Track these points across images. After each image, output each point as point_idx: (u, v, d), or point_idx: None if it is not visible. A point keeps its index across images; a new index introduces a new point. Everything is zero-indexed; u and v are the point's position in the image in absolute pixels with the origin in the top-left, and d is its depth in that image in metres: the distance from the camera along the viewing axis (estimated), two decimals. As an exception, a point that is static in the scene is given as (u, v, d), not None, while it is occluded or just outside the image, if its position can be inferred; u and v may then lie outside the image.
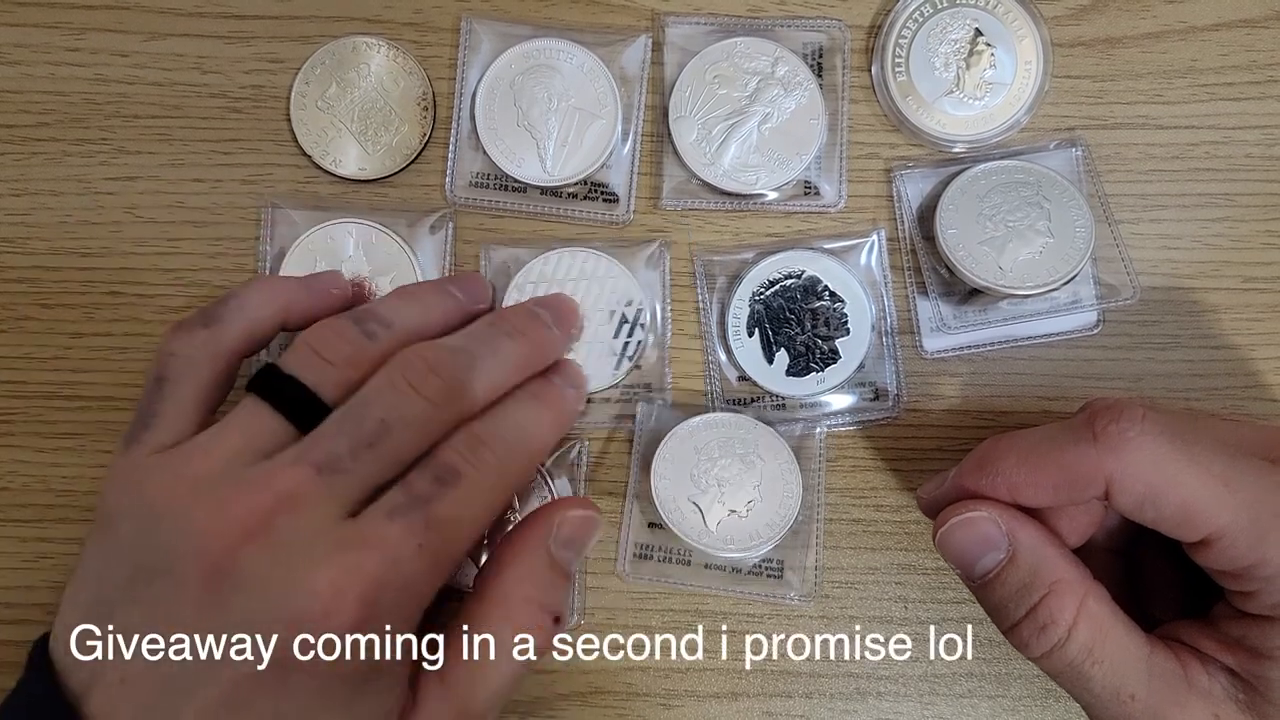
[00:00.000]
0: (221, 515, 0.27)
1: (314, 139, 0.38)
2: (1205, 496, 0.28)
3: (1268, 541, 0.27)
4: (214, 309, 0.32)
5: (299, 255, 0.38)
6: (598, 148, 0.38)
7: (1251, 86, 0.39)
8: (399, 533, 0.27)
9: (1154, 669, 0.29)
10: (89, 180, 0.39)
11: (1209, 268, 0.39)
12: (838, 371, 0.38)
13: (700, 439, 0.37)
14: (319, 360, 0.30)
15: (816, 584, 0.38)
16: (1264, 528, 0.27)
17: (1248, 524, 0.27)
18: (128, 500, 0.29)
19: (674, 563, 0.38)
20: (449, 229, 0.38)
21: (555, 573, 0.31)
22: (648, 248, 0.38)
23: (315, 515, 0.27)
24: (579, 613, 0.38)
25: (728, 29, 0.39)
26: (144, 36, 0.39)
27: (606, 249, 0.38)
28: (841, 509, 0.38)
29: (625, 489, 0.38)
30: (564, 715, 0.38)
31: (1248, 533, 0.27)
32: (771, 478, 0.37)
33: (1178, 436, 0.28)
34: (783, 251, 0.38)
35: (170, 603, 0.27)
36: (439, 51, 0.39)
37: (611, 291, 0.38)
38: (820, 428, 0.38)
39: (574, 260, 0.38)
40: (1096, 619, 0.29)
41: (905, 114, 0.38)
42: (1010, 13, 0.39)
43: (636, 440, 0.38)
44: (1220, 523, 0.27)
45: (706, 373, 0.39)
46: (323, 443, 0.28)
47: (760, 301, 0.38)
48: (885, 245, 0.39)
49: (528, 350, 0.33)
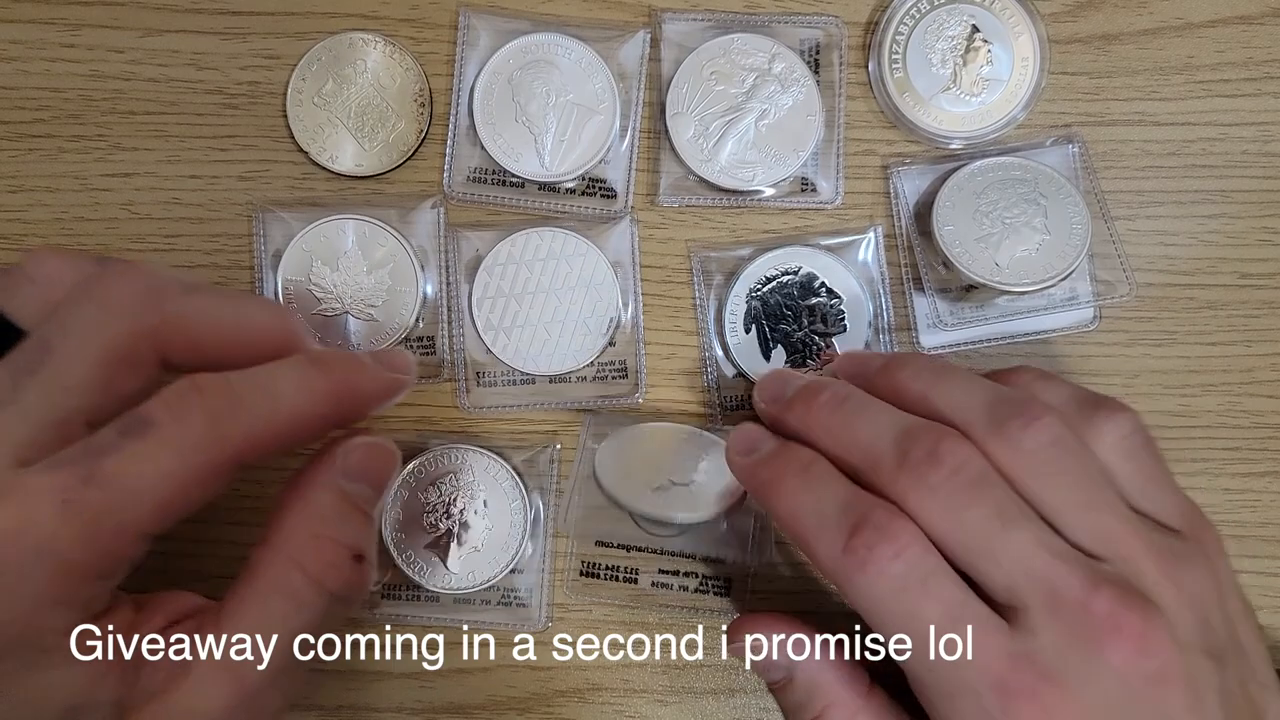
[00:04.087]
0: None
1: (310, 135, 0.38)
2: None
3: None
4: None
5: (295, 255, 0.38)
6: (596, 143, 0.38)
7: (1248, 83, 0.39)
8: (44, 484, 0.23)
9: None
10: (85, 177, 0.38)
11: (1205, 264, 0.39)
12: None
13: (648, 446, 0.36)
14: (23, 279, 0.27)
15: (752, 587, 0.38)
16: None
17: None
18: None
19: (620, 581, 0.38)
20: (440, 212, 0.38)
21: (347, 506, 0.28)
22: (618, 225, 0.38)
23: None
24: (548, 616, 0.38)
25: (725, 25, 0.39)
26: (140, 32, 0.39)
27: (576, 228, 0.38)
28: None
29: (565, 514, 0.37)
30: (562, 712, 0.38)
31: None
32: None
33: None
34: (780, 248, 0.38)
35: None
36: (435, 47, 0.39)
37: (581, 270, 0.38)
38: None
39: (542, 240, 0.38)
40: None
41: (902, 110, 0.38)
42: (1007, 9, 0.39)
43: (580, 450, 0.37)
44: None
45: (703, 369, 0.39)
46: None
47: (757, 298, 0.38)
48: (883, 242, 0.39)
49: (276, 314, 0.29)
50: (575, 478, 0.36)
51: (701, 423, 0.38)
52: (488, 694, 0.38)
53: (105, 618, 0.25)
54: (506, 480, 0.37)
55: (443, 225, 0.38)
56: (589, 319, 0.38)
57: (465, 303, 0.38)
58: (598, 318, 0.38)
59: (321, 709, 0.38)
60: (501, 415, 0.38)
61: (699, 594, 0.38)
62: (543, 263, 0.38)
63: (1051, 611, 0.26)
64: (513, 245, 0.38)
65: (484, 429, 0.39)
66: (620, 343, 0.38)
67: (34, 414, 0.25)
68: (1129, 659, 0.26)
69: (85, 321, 0.25)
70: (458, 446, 0.38)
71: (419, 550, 0.37)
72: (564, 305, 0.38)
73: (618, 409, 0.38)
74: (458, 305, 0.38)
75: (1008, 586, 0.27)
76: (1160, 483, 0.30)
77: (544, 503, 0.38)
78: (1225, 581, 0.29)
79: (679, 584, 0.38)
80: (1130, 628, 0.26)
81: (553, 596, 0.38)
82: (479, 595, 0.37)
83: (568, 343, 0.38)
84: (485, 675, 0.38)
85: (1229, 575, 0.30)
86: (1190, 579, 0.28)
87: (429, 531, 0.37)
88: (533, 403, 0.38)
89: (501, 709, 0.38)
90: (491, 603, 0.38)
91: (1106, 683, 0.26)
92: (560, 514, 0.37)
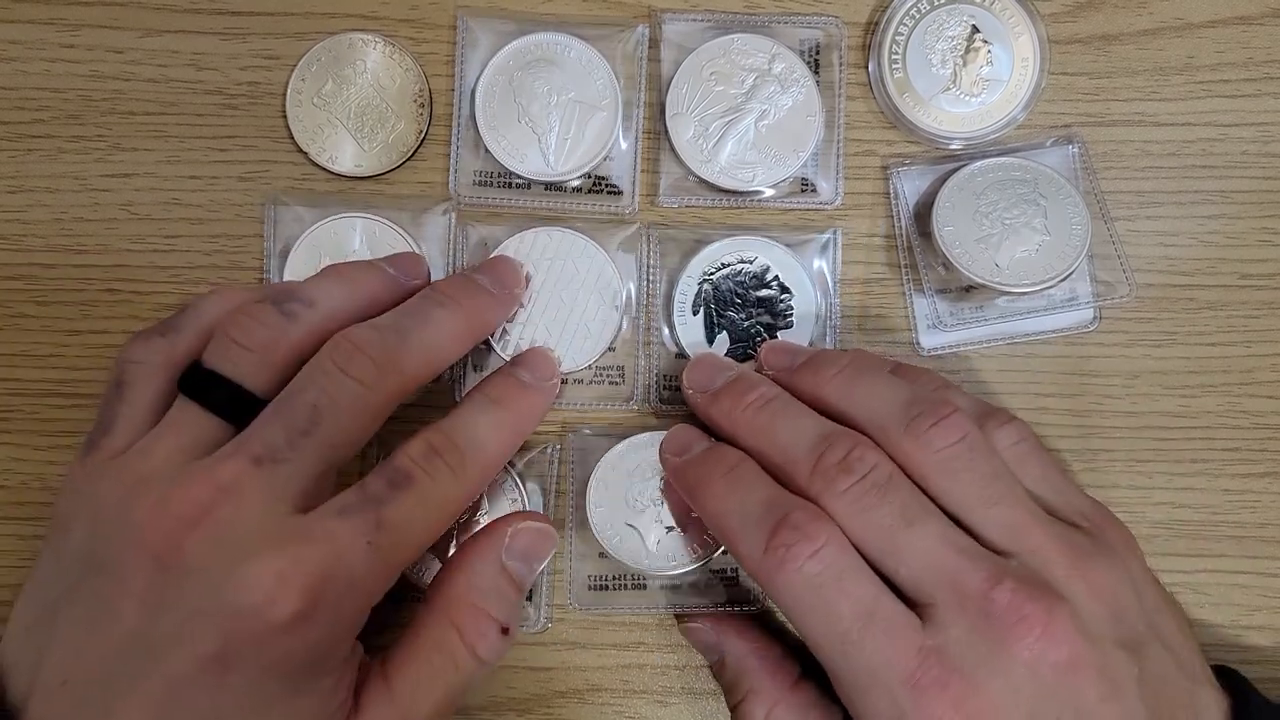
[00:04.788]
0: (162, 509, 0.27)
1: (310, 136, 0.38)
2: None
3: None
4: (172, 319, 0.32)
5: (304, 251, 0.38)
6: (600, 140, 0.38)
7: (1247, 83, 0.39)
8: (348, 529, 0.27)
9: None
10: (85, 177, 0.38)
11: (1205, 264, 0.39)
12: None
13: (630, 462, 0.37)
14: (237, 349, 0.30)
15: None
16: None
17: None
18: (78, 504, 0.29)
19: (629, 589, 0.38)
20: (451, 219, 0.38)
21: (505, 582, 0.31)
22: (626, 229, 0.38)
23: (258, 506, 0.27)
24: (546, 618, 0.38)
25: (724, 25, 0.39)
26: (139, 33, 0.39)
27: (584, 229, 0.38)
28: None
29: (564, 525, 0.38)
30: (561, 713, 0.38)
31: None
32: None
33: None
34: (738, 235, 0.38)
35: (111, 598, 0.26)
36: (435, 48, 0.39)
37: (587, 271, 0.38)
38: None
39: (550, 239, 0.38)
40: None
41: (902, 111, 0.38)
42: (1007, 9, 0.39)
43: (570, 469, 0.38)
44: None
45: (638, 343, 0.38)
46: (258, 433, 0.28)
47: (709, 282, 0.38)
48: (840, 244, 0.39)
49: (464, 316, 0.33)
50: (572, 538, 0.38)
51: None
52: (487, 695, 0.38)
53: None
54: (507, 481, 0.37)
55: (453, 230, 0.38)
56: (590, 322, 0.38)
57: None
58: (600, 320, 0.38)
59: (321, 709, 0.38)
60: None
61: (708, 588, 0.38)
62: (549, 262, 0.38)
63: (958, 606, 0.27)
64: (521, 242, 0.38)
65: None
66: (620, 347, 0.38)
67: (308, 469, 0.28)
68: (1035, 650, 0.26)
69: (348, 394, 0.29)
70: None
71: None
72: (568, 306, 0.38)
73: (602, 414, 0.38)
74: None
75: (915, 583, 0.28)
76: (1062, 483, 0.31)
77: (544, 503, 0.38)
78: (1139, 575, 0.30)
79: (689, 582, 0.38)
80: (1034, 619, 0.27)
81: (552, 598, 0.38)
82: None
83: (569, 344, 0.38)
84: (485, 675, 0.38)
85: (1143, 569, 0.31)
86: (1099, 572, 0.28)
87: None
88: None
89: (501, 710, 0.38)
90: (491, 603, 0.38)
91: (1015, 674, 0.26)
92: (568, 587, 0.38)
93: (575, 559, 0.37)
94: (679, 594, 0.37)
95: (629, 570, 0.37)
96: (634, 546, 0.36)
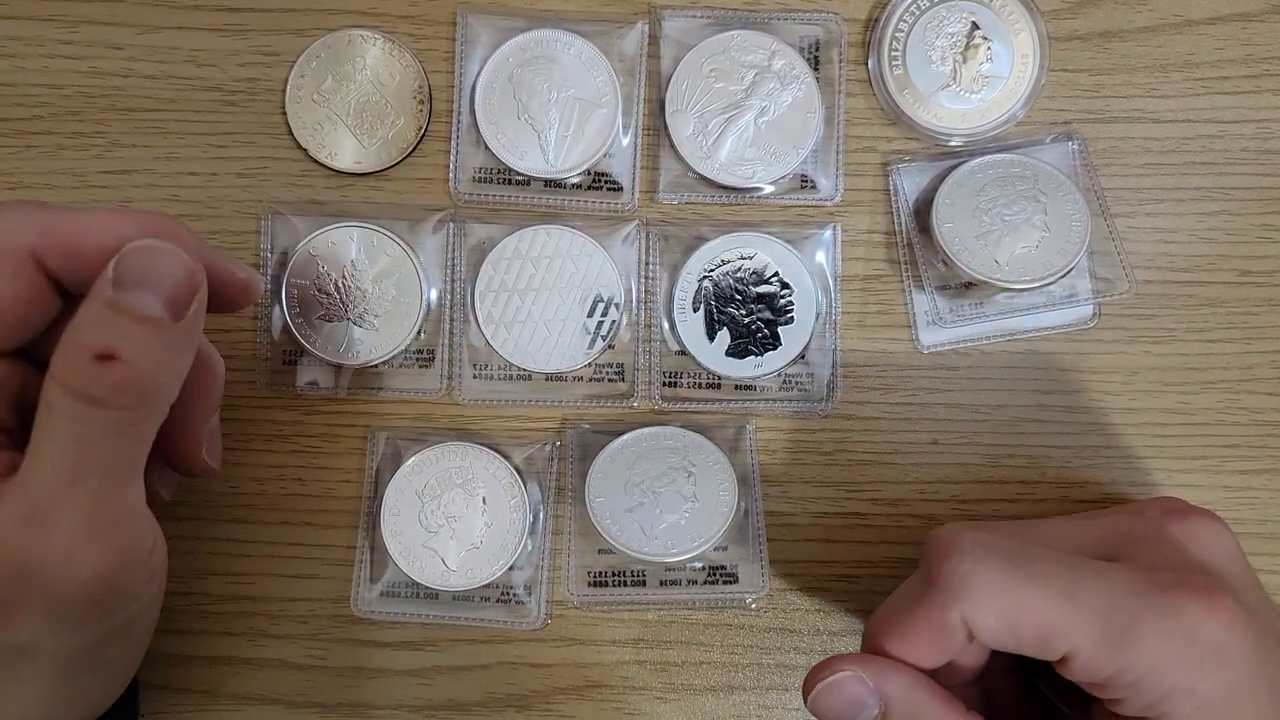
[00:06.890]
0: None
1: (309, 132, 0.38)
2: (1053, 616, 0.27)
3: (1122, 650, 0.27)
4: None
5: (301, 260, 0.38)
6: (600, 137, 0.38)
7: (1247, 80, 0.39)
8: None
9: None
10: (84, 174, 0.38)
11: (1205, 261, 0.39)
12: (776, 358, 0.38)
13: (630, 454, 0.37)
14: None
15: (765, 582, 0.38)
16: (1115, 636, 0.27)
17: (1099, 635, 0.27)
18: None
19: (629, 584, 0.38)
20: (450, 229, 0.38)
21: (111, 311, 0.26)
22: (625, 227, 0.38)
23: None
24: (546, 615, 0.38)
25: (724, 22, 0.39)
26: (138, 29, 0.39)
27: (583, 226, 0.38)
28: (839, 502, 0.38)
29: (564, 521, 0.38)
30: (561, 709, 0.38)
31: (1101, 644, 0.27)
32: (706, 480, 0.37)
33: (1012, 557, 0.28)
34: (739, 232, 0.38)
35: None
36: (435, 45, 0.39)
37: (586, 270, 0.38)
38: (749, 426, 0.38)
39: (549, 237, 0.38)
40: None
41: (902, 107, 0.38)
42: (1007, 6, 0.39)
43: (570, 465, 0.38)
44: (1073, 640, 0.27)
45: (636, 340, 0.38)
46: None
47: (709, 278, 0.38)
48: (840, 240, 0.39)
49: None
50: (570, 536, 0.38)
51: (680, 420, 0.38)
52: (487, 691, 0.38)
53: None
54: (506, 477, 0.37)
55: (452, 240, 0.38)
56: (589, 320, 0.38)
57: (468, 293, 0.38)
58: (598, 319, 0.38)
59: (320, 706, 0.38)
60: (496, 409, 0.38)
61: (708, 585, 0.38)
62: (549, 260, 0.38)
63: None
64: (520, 240, 0.38)
65: (483, 427, 0.38)
66: (619, 345, 0.38)
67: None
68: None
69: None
70: (457, 442, 0.38)
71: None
72: (566, 304, 0.38)
73: (604, 411, 0.38)
74: (460, 295, 0.38)
75: None
76: None
77: (544, 500, 0.38)
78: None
79: (687, 578, 0.38)
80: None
81: (552, 594, 0.38)
82: (478, 593, 0.37)
83: (567, 342, 0.38)
84: (484, 672, 0.38)
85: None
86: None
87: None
88: (528, 399, 0.38)
89: (500, 706, 0.38)
90: (490, 600, 0.38)
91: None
92: (567, 580, 0.38)
93: (575, 554, 0.38)
94: (677, 589, 0.37)
95: (629, 566, 0.37)
96: (634, 535, 0.36)
